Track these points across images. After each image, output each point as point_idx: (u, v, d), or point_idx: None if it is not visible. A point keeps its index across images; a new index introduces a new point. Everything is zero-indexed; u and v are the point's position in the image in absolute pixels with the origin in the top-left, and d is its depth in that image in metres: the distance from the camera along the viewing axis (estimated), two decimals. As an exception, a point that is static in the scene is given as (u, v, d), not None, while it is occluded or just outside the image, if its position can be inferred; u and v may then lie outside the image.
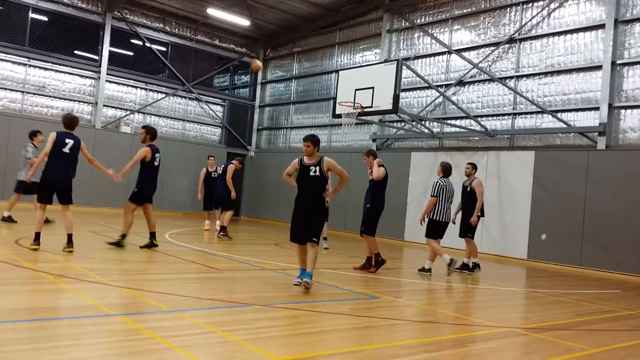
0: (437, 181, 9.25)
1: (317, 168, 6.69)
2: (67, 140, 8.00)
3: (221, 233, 12.14)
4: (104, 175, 8.78)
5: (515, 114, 13.99)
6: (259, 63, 10.70)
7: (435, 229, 9.20)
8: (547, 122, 13.32)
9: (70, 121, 8.21)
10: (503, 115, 14.23)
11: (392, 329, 5.21)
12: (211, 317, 5.00)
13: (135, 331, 4.22)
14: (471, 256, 9.85)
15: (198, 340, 4.16)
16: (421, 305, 6.62)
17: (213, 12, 18.70)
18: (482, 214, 9.94)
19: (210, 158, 13.99)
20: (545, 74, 13.47)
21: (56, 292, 5.53)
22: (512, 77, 14.12)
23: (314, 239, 6.61)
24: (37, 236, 7.82)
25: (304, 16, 19.47)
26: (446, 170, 9.39)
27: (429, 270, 9.19)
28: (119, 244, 8.82)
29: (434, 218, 9.14)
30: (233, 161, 12.59)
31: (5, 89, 16.73)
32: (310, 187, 6.74)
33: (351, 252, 11.78)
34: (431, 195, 9.16)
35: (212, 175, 13.49)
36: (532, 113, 13.67)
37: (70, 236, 7.93)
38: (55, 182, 7.94)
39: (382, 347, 4.48)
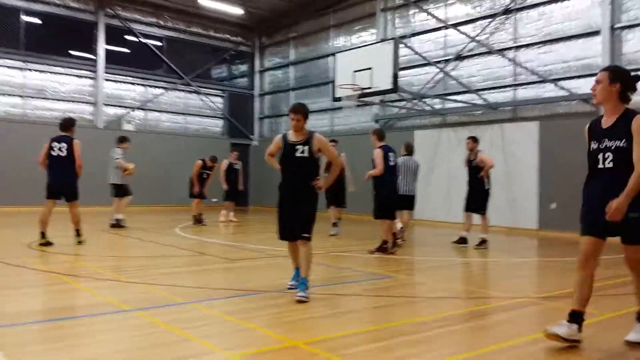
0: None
1: (306, 147, 5.34)
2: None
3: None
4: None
5: (516, 85, 13.89)
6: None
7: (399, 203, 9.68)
8: (549, 91, 13.22)
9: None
10: (504, 87, 14.12)
11: (407, 307, 5.23)
12: (226, 306, 5.03)
13: (153, 325, 4.25)
14: (484, 231, 9.81)
15: (215, 330, 4.19)
16: (435, 282, 6.63)
17: (205, 2, 18.55)
18: (489, 187, 9.89)
19: (234, 152, 14.20)
20: (544, 42, 13.33)
21: (72, 292, 5.56)
22: (510, 48, 13.99)
23: (304, 234, 5.31)
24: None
25: (296, 1, 19.31)
26: (408, 148, 10.34)
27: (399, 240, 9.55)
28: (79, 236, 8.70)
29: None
30: (205, 158, 13.50)
31: (4, 94, 16.72)
32: (297, 171, 5.41)
33: (360, 235, 11.79)
34: None
35: (234, 167, 13.86)
36: (533, 83, 13.56)
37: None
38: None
39: (399, 324, 4.50)
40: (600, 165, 3.80)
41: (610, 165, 3.76)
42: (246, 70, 22.82)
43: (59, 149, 8.46)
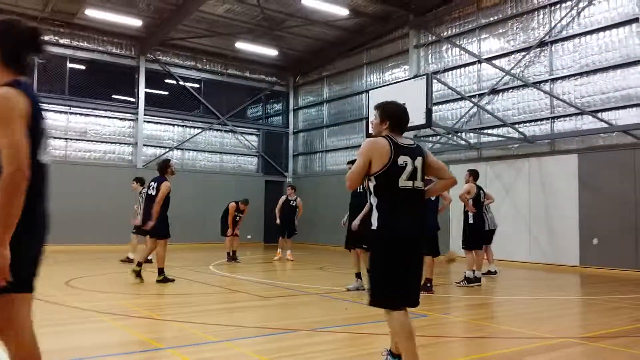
0: None
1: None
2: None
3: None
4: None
5: (553, 117, 13.65)
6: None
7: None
8: (587, 123, 12.93)
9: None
10: (541, 120, 13.90)
11: (442, 347, 5.07)
12: (259, 345, 4.98)
13: (184, 364, 4.23)
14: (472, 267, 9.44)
15: (246, 369, 4.14)
16: (471, 321, 6.43)
17: (241, 45, 19.10)
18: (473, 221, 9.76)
19: (290, 188, 14.45)
20: (581, 74, 13.13)
21: (106, 330, 5.61)
22: (546, 81, 13.83)
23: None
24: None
25: (330, 41, 19.65)
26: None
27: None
28: None
29: None
30: (239, 201, 13.73)
31: (50, 137, 17.40)
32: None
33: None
34: None
35: (291, 204, 14.10)
36: (571, 115, 13.31)
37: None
38: None
39: (433, 365, 4.35)
40: None
41: None
42: (281, 109, 23.20)
43: (152, 188, 9.17)
